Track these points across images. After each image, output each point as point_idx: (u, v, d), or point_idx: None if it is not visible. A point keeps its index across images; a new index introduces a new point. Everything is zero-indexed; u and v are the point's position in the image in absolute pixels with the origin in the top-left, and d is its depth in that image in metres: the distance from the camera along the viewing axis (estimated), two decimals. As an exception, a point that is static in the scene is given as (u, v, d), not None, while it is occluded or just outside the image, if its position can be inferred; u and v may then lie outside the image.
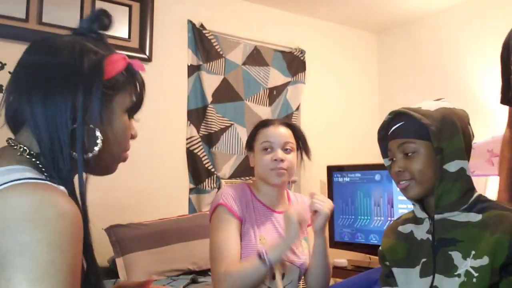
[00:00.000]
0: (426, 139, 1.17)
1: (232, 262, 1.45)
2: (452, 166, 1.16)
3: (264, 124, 1.67)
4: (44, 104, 0.72)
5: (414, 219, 1.28)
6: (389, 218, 2.87)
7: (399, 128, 1.21)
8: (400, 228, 1.31)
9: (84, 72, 0.75)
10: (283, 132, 1.63)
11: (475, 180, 2.83)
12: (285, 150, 1.60)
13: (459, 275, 1.11)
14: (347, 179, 3.09)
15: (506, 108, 1.46)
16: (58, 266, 0.61)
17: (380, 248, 1.37)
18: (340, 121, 3.71)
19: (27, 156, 0.72)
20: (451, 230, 1.16)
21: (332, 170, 3.20)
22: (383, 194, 2.90)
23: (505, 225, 1.08)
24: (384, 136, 1.29)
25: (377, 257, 2.35)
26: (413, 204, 1.26)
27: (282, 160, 1.56)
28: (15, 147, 0.73)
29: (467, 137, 1.21)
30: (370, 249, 2.97)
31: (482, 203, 1.17)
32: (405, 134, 1.20)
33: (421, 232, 1.23)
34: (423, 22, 3.60)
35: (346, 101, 3.78)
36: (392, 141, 1.22)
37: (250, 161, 1.69)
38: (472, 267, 1.09)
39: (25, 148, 0.73)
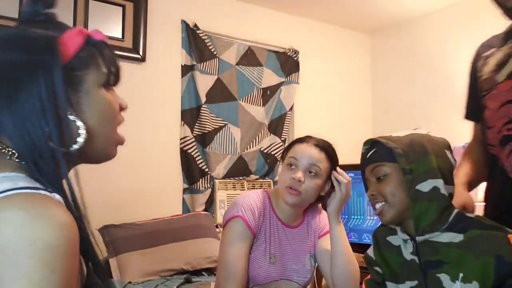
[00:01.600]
0: (395, 162, 1.19)
1: (241, 284, 1.41)
2: (425, 186, 1.16)
3: (301, 140, 1.59)
4: (9, 108, 0.67)
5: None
6: (382, 218, 2.88)
7: (371, 155, 1.25)
8: (390, 239, 1.31)
9: (38, 62, 0.68)
10: (316, 155, 1.51)
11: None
12: (309, 173, 1.49)
13: None
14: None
15: None
16: (49, 286, 0.58)
17: (371, 254, 1.36)
18: (333, 121, 3.72)
19: (17, 160, 0.67)
20: (435, 252, 1.16)
21: (325, 170, 3.21)
22: (376, 194, 2.91)
23: (488, 247, 1.09)
24: (364, 170, 1.31)
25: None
26: (393, 227, 1.27)
27: (299, 181, 1.46)
28: (3, 150, 0.67)
29: (444, 160, 1.21)
30: (363, 248, 2.95)
31: (462, 221, 1.17)
32: (375, 159, 1.23)
33: (407, 252, 1.24)
34: (415, 23, 3.62)
35: (339, 101, 3.79)
36: (366, 168, 1.26)
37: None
38: None
39: (13, 151, 0.67)
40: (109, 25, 2.80)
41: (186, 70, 3.07)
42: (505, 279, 1.08)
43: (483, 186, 2.72)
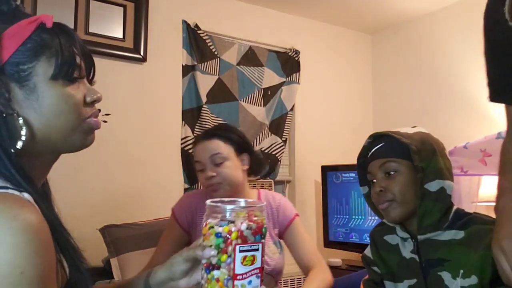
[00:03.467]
0: (407, 159, 1.18)
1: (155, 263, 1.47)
2: (432, 186, 1.17)
3: (194, 143, 1.64)
4: None
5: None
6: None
7: (380, 149, 1.23)
8: (387, 238, 1.31)
9: None
10: (209, 147, 1.55)
11: (469, 180, 2.85)
12: (217, 164, 1.53)
13: None
14: (341, 179, 3.10)
15: (500, 107, 1.22)
16: (20, 287, 0.57)
17: (368, 254, 1.36)
18: (334, 121, 3.72)
19: None
20: (437, 250, 1.17)
21: (326, 170, 3.21)
22: (377, 193, 2.91)
23: (487, 241, 1.08)
24: (362, 163, 1.30)
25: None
26: (391, 226, 1.27)
27: (212, 177, 1.52)
28: None
29: (447, 161, 1.24)
30: (365, 248, 2.96)
31: (461, 218, 1.18)
32: (386, 154, 1.21)
33: (407, 251, 1.24)
34: (416, 23, 3.61)
35: (340, 101, 3.79)
36: (373, 162, 1.23)
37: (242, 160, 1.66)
38: (462, 287, 1.11)
39: None
40: (110, 25, 2.80)
41: (187, 70, 3.06)
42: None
43: (484, 184, 2.72)
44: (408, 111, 3.60)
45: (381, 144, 1.23)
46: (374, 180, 1.23)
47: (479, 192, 2.70)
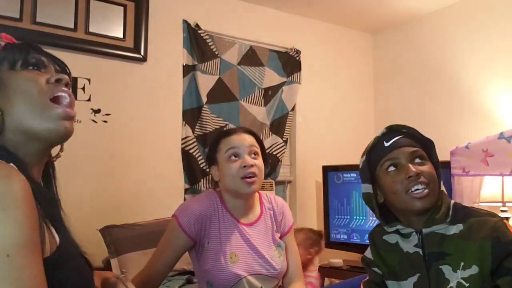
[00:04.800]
0: (427, 153, 1.24)
1: (155, 273, 1.46)
2: (441, 186, 1.23)
3: (226, 133, 1.60)
4: None
5: (396, 231, 1.28)
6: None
7: (402, 139, 1.23)
8: (386, 238, 1.31)
9: None
10: (247, 138, 1.57)
11: (470, 180, 2.84)
12: (253, 155, 1.53)
13: (448, 283, 1.14)
14: (342, 179, 3.09)
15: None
16: (3, 223, 0.66)
17: (368, 255, 1.36)
18: (335, 121, 3.71)
19: None
20: (439, 243, 1.18)
21: (327, 170, 3.20)
22: (379, 194, 2.90)
23: (484, 231, 1.12)
24: (366, 162, 1.28)
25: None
26: (393, 227, 1.27)
27: (252, 166, 1.48)
28: None
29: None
30: (366, 249, 2.96)
31: (460, 212, 1.21)
32: (413, 144, 1.22)
33: (408, 246, 1.24)
34: (417, 22, 3.61)
35: (341, 101, 3.78)
36: (401, 149, 1.21)
37: (213, 176, 1.58)
38: (463, 278, 1.12)
39: None
40: (110, 25, 2.79)
41: (188, 70, 3.06)
42: (502, 260, 1.10)
43: (486, 184, 2.71)
44: (409, 111, 3.59)
45: (400, 136, 1.24)
46: (392, 169, 1.22)
47: (481, 192, 2.70)
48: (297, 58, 3.53)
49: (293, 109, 3.47)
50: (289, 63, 3.49)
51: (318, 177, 3.35)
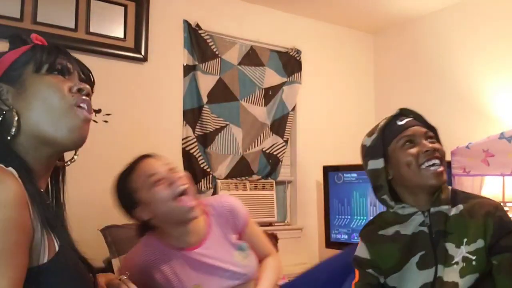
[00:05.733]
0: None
1: None
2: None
3: (129, 172, 1.56)
4: None
5: (393, 220, 1.32)
6: (385, 218, 2.87)
7: (414, 121, 1.32)
8: (382, 232, 1.33)
9: None
10: (159, 159, 1.52)
11: (471, 180, 2.84)
12: (174, 172, 1.45)
13: (457, 263, 1.19)
14: (343, 179, 3.09)
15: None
16: None
17: (362, 255, 1.35)
18: (336, 121, 3.70)
19: None
20: (443, 222, 1.25)
21: (328, 170, 3.20)
22: (379, 194, 2.90)
23: (487, 209, 1.22)
24: (379, 139, 1.32)
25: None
26: (398, 204, 1.32)
27: (181, 178, 1.41)
28: None
29: None
30: (366, 249, 2.97)
31: (460, 195, 1.31)
32: (424, 126, 1.32)
33: (410, 228, 1.28)
34: (418, 22, 3.60)
35: (342, 101, 3.78)
36: (415, 127, 1.29)
37: (140, 218, 1.49)
38: (468, 252, 1.19)
39: None
40: (111, 25, 2.79)
41: (188, 70, 3.05)
42: (499, 238, 1.19)
43: (487, 184, 2.71)
44: (410, 111, 3.59)
45: (411, 118, 1.32)
46: (408, 144, 1.28)
47: (482, 192, 2.69)
48: (298, 58, 3.53)
49: (293, 109, 3.47)
50: (290, 63, 3.49)
51: (319, 177, 3.35)
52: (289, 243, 3.33)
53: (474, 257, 1.18)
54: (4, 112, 0.83)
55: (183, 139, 3.00)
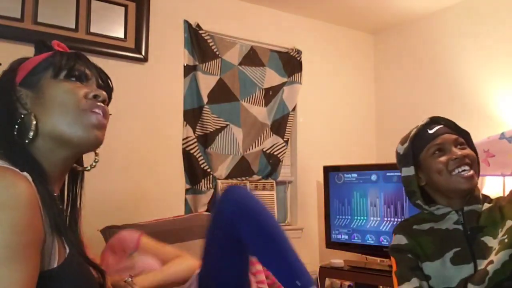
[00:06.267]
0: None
1: None
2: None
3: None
4: None
5: (428, 219, 1.39)
6: (385, 219, 2.87)
7: (444, 128, 1.38)
8: (416, 227, 1.40)
9: (3, 83, 0.89)
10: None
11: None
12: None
13: (494, 249, 1.25)
14: (343, 179, 3.09)
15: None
16: None
17: (400, 242, 1.40)
18: (336, 122, 3.71)
19: None
20: (477, 219, 1.32)
21: (328, 171, 3.20)
22: (380, 194, 2.90)
23: (509, 198, 1.33)
24: (410, 148, 1.40)
25: (374, 257, 2.34)
26: (432, 206, 1.39)
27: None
28: None
29: None
30: (367, 249, 2.97)
31: (486, 197, 1.40)
32: (453, 133, 1.37)
33: (445, 225, 1.35)
34: (419, 23, 3.60)
35: (342, 102, 3.78)
36: (446, 135, 1.36)
37: None
38: (502, 236, 1.26)
39: None
40: (111, 25, 2.79)
41: (189, 70, 3.06)
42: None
43: (487, 184, 2.71)
44: (410, 111, 3.59)
45: (441, 125, 1.38)
46: (438, 152, 1.35)
47: (482, 192, 2.69)
48: (298, 59, 3.53)
49: (294, 109, 3.47)
50: (290, 63, 3.49)
51: (319, 177, 3.35)
52: (290, 243, 3.33)
53: (505, 236, 1.23)
54: (22, 116, 0.85)
55: (183, 139, 3.00)
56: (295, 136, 3.53)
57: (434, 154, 1.35)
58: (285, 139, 3.40)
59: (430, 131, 1.37)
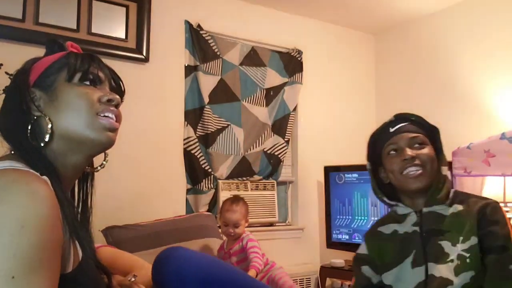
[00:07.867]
0: (430, 140, 1.35)
1: None
2: (444, 170, 1.33)
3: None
4: (3, 115, 0.88)
5: (394, 219, 1.39)
6: (386, 219, 2.87)
7: (406, 126, 1.37)
8: (381, 229, 1.41)
9: (17, 84, 0.89)
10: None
11: (472, 180, 2.84)
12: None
13: (452, 261, 1.21)
14: (344, 179, 3.10)
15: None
16: (17, 240, 0.64)
17: (362, 252, 1.43)
18: (337, 122, 3.71)
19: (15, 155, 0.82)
20: (438, 222, 1.29)
21: (329, 171, 3.21)
22: (380, 194, 2.90)
23: (479, 206, 1.27)
24: (374, 141, 1.42)
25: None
26: (394, 204, 1.39)
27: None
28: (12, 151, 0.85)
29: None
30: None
31: (460, 195, 1.35)
32: (416, 130, 1.36)
33: (405, 227, 1.34)
34: (420, 23, 3.60)
35: (343, 102, 3.78)
36: (401, 135, 1.35)
37: None
38: (463, 250, 1.22)
39: (12, 151, 0.84)
40: (113, 25, 2.80)
41: (190, 70, 3.06)
42: (483, 237, 1.22)
43: (488, 184, 2.71)
44: (411, 111, 3.58)
45: (405, 123, 1.38)
46: (395, 152, 1.34)
47: (483, 192, 2.69)
48: (299, 59, 3.53)
49: (294, 109, 3.47)
50: (291, 63, 3.50)
51: (320, 177, 3.35)
52: (290, 243, 3.34)
53: (468, 255, 1.20)
54: (35, 118, 0.85)
55: (184, 140, 3.01)
56: (296, 136, 3.53)
57: (389, 153, 1.36)
58: (286, 139, 3.40)
59: (391, 130, 1.38)
